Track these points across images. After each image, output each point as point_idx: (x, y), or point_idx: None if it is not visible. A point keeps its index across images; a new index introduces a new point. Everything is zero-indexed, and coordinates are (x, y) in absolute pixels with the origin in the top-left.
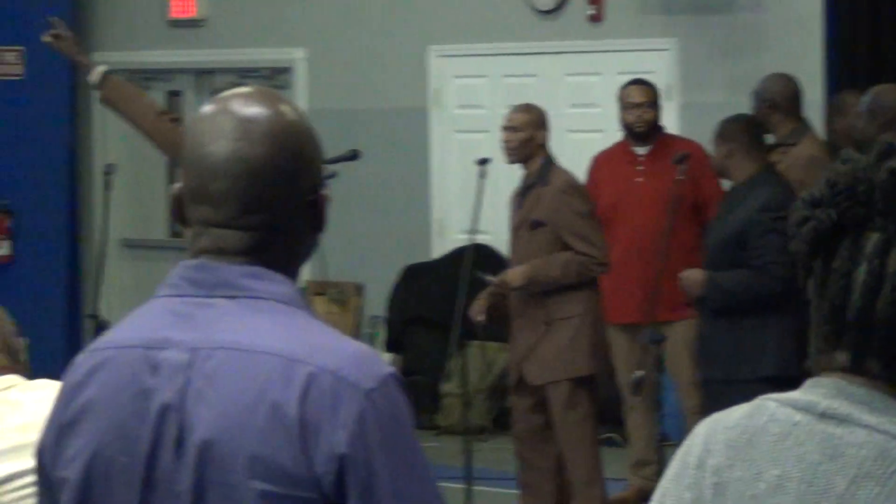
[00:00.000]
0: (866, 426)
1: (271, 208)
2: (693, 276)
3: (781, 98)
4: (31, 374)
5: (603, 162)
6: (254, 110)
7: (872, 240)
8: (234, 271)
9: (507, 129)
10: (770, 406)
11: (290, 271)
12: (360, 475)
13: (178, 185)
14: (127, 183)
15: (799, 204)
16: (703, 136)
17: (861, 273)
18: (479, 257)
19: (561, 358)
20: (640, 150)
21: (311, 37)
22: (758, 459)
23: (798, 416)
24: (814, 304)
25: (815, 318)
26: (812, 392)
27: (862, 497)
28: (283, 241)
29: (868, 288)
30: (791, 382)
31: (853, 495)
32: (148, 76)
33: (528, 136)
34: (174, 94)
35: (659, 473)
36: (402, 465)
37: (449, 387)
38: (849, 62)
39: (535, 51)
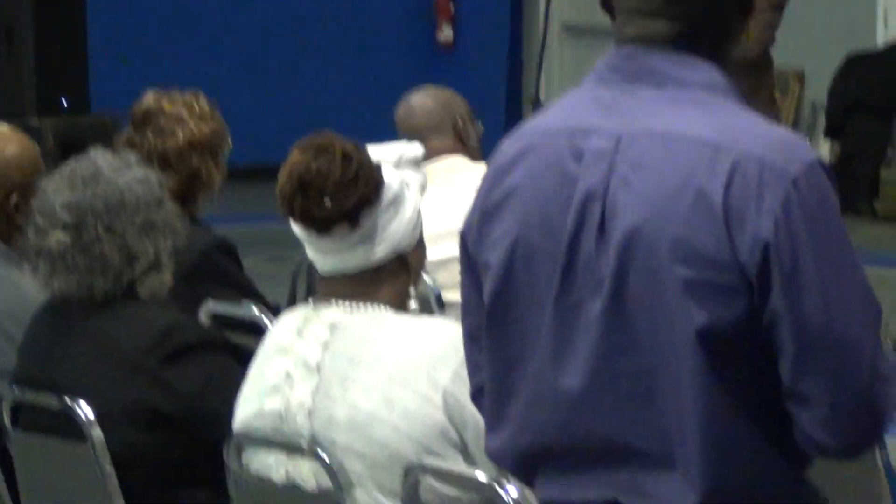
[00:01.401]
0: None
1: None
2: None
3: None
4: (480, 159)
5: None
6: None
7: None
8: (660, 59)
9: None
10: None
11: (719, 57)
12: (783, 263)
13: None
14: None
15: None
16: None
17: None
18: None
19: None
20: None
21: None
22: None
23: None
24: None
25: None
26: None
27: None
28: (710, 28)
29: None
30: None
31: None
32: None
33: None
34: None
35: None
36: (827, 254)
37: (888, 173)
38: None
39: None
